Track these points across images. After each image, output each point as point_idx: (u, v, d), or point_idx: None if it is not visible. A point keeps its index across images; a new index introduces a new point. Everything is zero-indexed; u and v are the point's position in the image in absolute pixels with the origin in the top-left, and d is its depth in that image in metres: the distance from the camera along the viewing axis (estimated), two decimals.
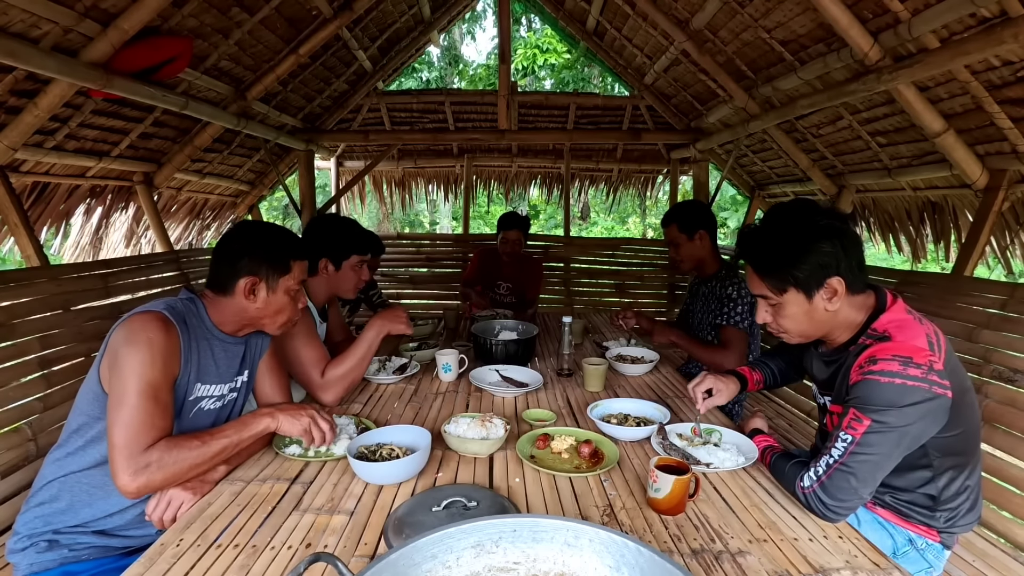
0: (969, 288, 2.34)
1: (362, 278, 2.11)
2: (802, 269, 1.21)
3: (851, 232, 1.22)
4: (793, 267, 1.21)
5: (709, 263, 2.48)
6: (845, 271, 1.20)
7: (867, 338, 1.23)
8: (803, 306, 1.25)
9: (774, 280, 1.25)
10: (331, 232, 2.07)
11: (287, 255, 1.45)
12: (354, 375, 1.85)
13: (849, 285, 1.22)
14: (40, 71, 2.24)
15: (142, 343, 1.22)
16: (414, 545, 0.79)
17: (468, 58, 14.01)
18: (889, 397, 1.11)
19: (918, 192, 3.48)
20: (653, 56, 4.54)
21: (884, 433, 1.12)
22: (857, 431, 1.13)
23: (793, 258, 1.21)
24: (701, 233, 2.43)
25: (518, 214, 3.61)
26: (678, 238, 2.46)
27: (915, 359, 1.12)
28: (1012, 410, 1.82)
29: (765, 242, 1.27)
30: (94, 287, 2.44)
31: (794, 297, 1.24)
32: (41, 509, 1.30)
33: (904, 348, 1.14)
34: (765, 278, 1.27)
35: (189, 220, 5.02)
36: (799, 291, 1.23)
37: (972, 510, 1.35)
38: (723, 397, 1.62)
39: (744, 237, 1.34)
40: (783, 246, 1.23)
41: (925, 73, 2.33)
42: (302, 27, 3.68)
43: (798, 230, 1.22)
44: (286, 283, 1.45)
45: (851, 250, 1.20)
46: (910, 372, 1.11)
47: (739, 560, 1.04)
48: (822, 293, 1.22)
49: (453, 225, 13.65)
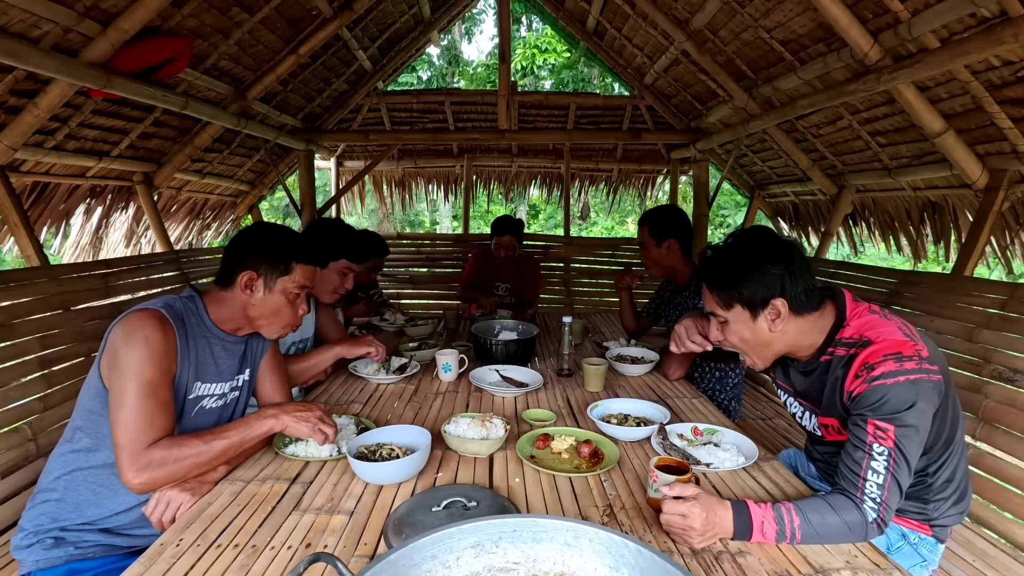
0: (969, 288, 2.34)
1: (345, 285, 2.11)
2: (747, 286, 1.26)
3: (800, 257, 1.27)
4: (739, 283, 1.27)
5: (681, 271, 2.48)
6: (789, 293, 1.24)
7: (843, 347, 1.25)
8: (747, 324, 1.29)
9: (722, 295, 1.31)
10: (328, 232, 2.07)
11: (290, 256, 1.45)
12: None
13: (793, 307, 1.25)
14: (40, 71, 2.24)
15: (138, 341, 1.23)
16: (414, 545, 0.79)
17: (468, 58, 14.00)
18: (902, 397, 1.11)
19: (918, 192, 3.48)
20: (653, 56, 4.54)
21: (910, 436, 1.12)
22: (888, 440, 1.11)
23: (740, 275, 1.27)
24: (669, 242, 2.43)
25: (511, 218, 3.60)
26: (647, 241, 2.48)
27: (904, 352, 1.15)
28: (1012, 410, 1.81)
29: (719, 260, 1.33)
30: (94, 287, 2.44)
31: (739, 314, 1.30)
32: (47, 506, 1.31)
33: (890, 345, 1.17)
34: (714, 293, 1.33)
35: (189, 220, 5.02)
36: (744, 308, 1.28)
37: (961, 500, 1.36)
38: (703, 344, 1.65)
39: (705, 256, 1.39)
40: (733, 264, 1.29)
41: (925, 73, 2.33)
42: (302, 27, 3.68)
43: (749, 251, 1.29)
44: (284, 283, 1.44)
45: (798, 274, 1.24)
46: (906, 366, 1.13)
47: (739, 560, 1.04)
48: (766, 313, 1.26)
49: (453, 225, 13.65)
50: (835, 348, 1.27)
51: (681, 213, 2.58)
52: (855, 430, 1.16)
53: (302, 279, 1.48)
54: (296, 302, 1.49)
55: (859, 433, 1.15)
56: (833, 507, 1.10)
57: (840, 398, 1.24)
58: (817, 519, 1.08)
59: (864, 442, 1.13)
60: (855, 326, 1.25)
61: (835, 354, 1.26)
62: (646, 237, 2.47)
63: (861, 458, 1.13)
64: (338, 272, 2.07)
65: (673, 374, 2.17)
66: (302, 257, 1.47)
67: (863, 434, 1.14)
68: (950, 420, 1.27)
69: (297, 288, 1.47)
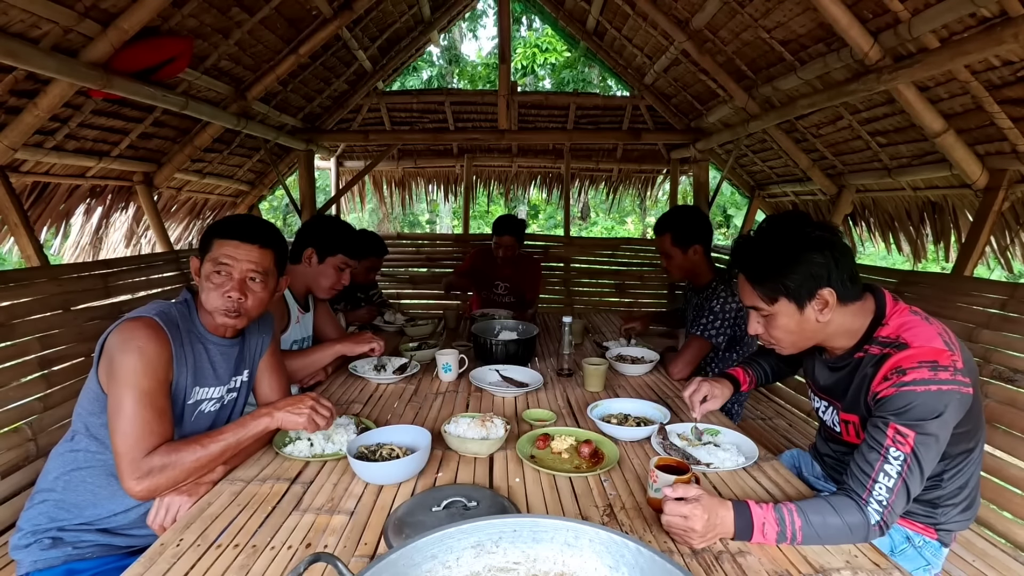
0: (969, 288, 2.35)
1: (341, 281, 2.10)
2: (793, 279, 1.21)
3: (842, 244, 1.23)
4: (784, 277, 1.22)
5: (703, 274, 2.39)
6: (836, 282, 1.20)
7: (877, 345, 1.22)
8: (794, 317, 1.25)
9: (765, 289, 1.26)
10: (328, 227, 2.07)
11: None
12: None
13: (840, 296, 1.22)
14: (40, 71, 2.24)
15: (133, 352, 1.23)
16: (414, 545, 0.79)
17: (468, 57, 13.99)
18: (930, 406, 1.10)
19: (918, 192, 3.48)
20: (653, 56, 4.54)
21: (929, 444, 1.11)
22: (906, 446, 1.10)
23: (784, 268, 1.22)
24: (696, 247, 2.33)
25: (513, 218, 3.59)
26: (671, 250, 2.35)
27: (940, 361, 1.12)
28: (1012, 410, 1.82)
29: (758, 252, 1.27)
30: (94, 287, 2.44)
31: (785, 307, 1.25)
32: (45, 506, 1.31)
33: (927, 352, 1.14)
34: (756, 287, 1.27)
35: (189, 220, 5.02)
36: (790, 301, 1.23)
37: (970, 508, 1.35)
38: (717, 402, 1.64)
39: (738, 246, 1.34)
40: (775, 256, 1.24)
41: (925, 73, 2.33)
42: (302, 27, 3.68)
43: (790, 240, 1.23)
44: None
45: (842, 261, 1.21)
46: (940, 376, 1.10)
47: (739, 560, 1.04)
48: (813, 304, 1.22)
49: (453, 225, 13.65)
50: (870, 345, 1.23)
51: (701, 214, 2.47)
52: (874, 431, 1.14)
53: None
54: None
55: (877, 435, 1.13)
56: (835, 508, 1.09)
57: (865, 397, 1.22)
58: (818, 520, 1.07)
59: (881, 444, 1.11)
60: (894, 325, 1.22)
61: (868, 351, 1.23)
62: (669, 246, 2.34)
63: (875, 459, 1.11)
64: (334, 267, 2.07)
65: (678, 373, 2.15)
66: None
67: (881, 436, 1.12)
68: (973, 431, 1.25)
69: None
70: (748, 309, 1.33)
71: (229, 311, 1.38)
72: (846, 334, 1.27)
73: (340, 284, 2.11)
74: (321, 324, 2.23)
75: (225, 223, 1.43)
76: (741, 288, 1.32)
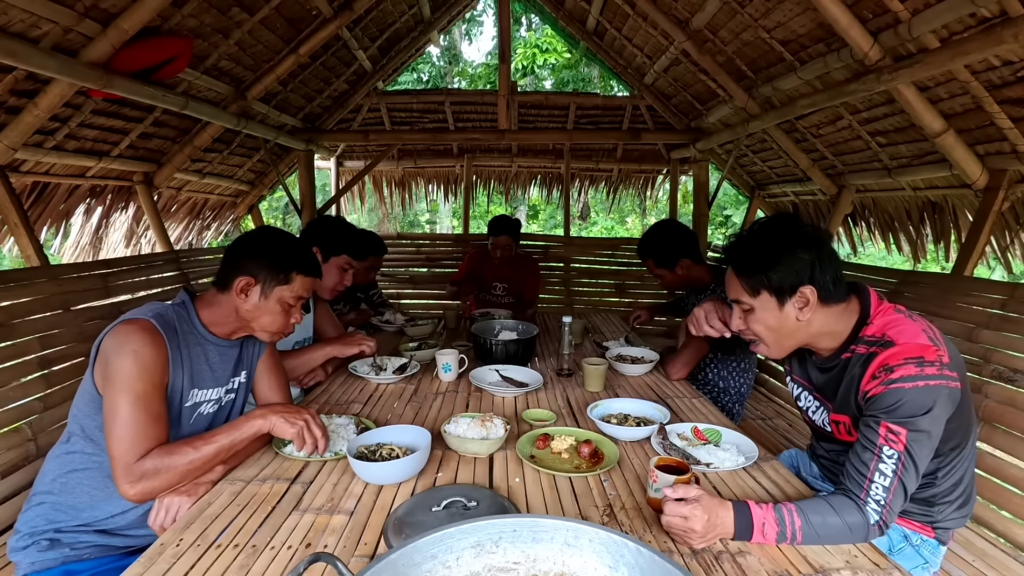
0: (969, 288, 2.35)
1: (344, 281, 2.10)
2: (777, 271, 1.23)
3: (829, 246, 1.25)
4: (769, 269, 1.24)
5: (699, 279, 2.44)
6: (819, 281, 1.22)
7: (863, 345, 1.23)
8: (774, 312, 1.26)
9: (749, 281, 1.28)
10: (331, 227, 2.07)
11: (291, 267, 1.44)
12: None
13: (822, 296, 1.23)
14: (40, 71, 2.24)
15: (128, 355, 1.23)
16: (414, 545, 0.79)
17: (468, 57, 14.00)
18: (919, 402, 1.10)
19: (918, 192, 3.48)
20: (653, 56, 4.53)
21: (922, 441, 1.11)
22: (899, 444, 1.10)
23: (770, 261, 1.24)
24: (683, 262, 2.38)
25: (508, 217, 3.58)
26: (659, 272, 2.41)
27: (926, 357, 1.13)
28: (1012, 410, 1.82)
29: (746, 245, 1.30)
30: (94, 287, 2.44)
31: (766, 301, 1.26)
32: (43, 508, 1.31)
33: (912, 349, 1.15)
34: (742, 279, 1.29)
35: (189, 220, 5.02)
36: (771, 295, 1.25)
37: (966, 504, 1.36)
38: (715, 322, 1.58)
39: (730, 242, 1.37)
40: (762, 249, 1.26)
41: (925, 73, 2.33)
42: (302, 27, 3.68)
43: (779, 236, 1.26)
44: (281, 292, 1.43)
45: (827, 262, 1.22)
46: (927, 372, 1.11)
47: (739, 560, 1.04)
48: (794, 301, 1.24)
49: (453, 225, 13.64)
50: (856, 345, 1.25)
51: (678, 227, 2.50)
52: (866, 431, 1.15)
53: (300, 290, 1.46)
54: (291, 312, 1.47)
55: (870, 435, 1.14)
56: (835, 508, 1.10)
57: (855, 397, 1.23)
58: (818, 520, 1.08)
59: (874, 444, 1.12)
60: (879, 324, 1.23)
61: (855, 351, 1.25)
62: (655, 269, 2.40)
63: (869, 459, 1.12)
64: (338, 268, 2.07)
65: (676, 373, 2.15)
66: (303, 268, 1.46)
67: (874, 436, 1.13)
68: (963, 426, 1.26)
69: (295, 299, 1.45)
70: (732, 303, 1.36)
71: (287, 333, 1.51)
72: (830, 335, 1.29)
73: (343, 284, 2.11)
74: (321, 324, 2.23)
75: (305, 259, 1.47)
76: (728, 281, 1.34)
